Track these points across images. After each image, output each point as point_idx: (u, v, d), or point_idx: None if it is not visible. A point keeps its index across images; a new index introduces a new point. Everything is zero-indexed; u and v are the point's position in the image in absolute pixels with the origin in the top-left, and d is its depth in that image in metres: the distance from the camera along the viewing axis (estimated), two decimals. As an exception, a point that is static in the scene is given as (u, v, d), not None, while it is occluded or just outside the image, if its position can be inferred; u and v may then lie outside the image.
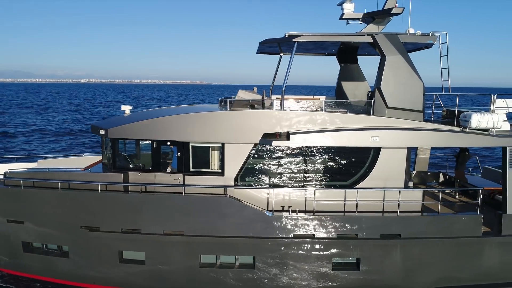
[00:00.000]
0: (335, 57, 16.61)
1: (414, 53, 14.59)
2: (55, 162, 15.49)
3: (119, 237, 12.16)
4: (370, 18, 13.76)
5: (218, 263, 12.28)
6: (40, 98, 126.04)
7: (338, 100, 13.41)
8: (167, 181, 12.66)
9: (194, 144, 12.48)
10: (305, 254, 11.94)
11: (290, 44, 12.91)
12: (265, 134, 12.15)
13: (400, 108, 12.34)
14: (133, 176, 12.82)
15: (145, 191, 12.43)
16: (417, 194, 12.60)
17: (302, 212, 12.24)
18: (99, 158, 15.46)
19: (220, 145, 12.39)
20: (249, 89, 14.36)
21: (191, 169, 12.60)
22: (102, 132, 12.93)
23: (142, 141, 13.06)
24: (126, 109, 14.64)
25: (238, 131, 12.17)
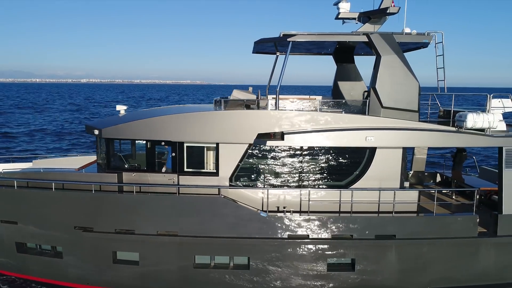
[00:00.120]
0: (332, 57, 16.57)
1: (410, 53, 14.53)
2: (50, 162, 15.44)
3: (113, 238, 12.10)
4: (366, 17, 13.70)
5: (212, 263, 12.20)
6: (40, 99, 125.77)
7: (333, 100, 13.36)
8: (161, 181, 12.60)
9: (189, 144, 12.41)
10: (300, 255, 11.87)
11: (286, 43, 12.86)
12: (259, 134, 12.08)
13: (396, 108, 12.26)
14: (127, 176, 12.75)
15: (139, 191, 12.38)
16: (412, 195, 12.53)
17: (297, 212, 12.18)
18: (95, 158, 15.40)
19: (214, 145, 12.33)
20: (248, 89, 14.32)
21: (186, 169, 12.54)
22: (96, 132, 12.86)
23: (137, 141, 13.00)
24: (121, 109, 14.57)
25: (232, 131, 12.10)
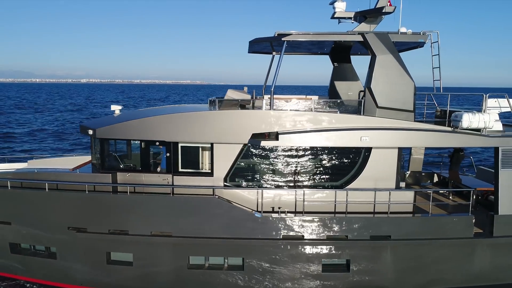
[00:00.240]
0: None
1: (406, 53, 14.46)
2: (45, 162, 15.37)
3: (106, 238, 12.03)
4: (362, 17, 13.62)
5: (206, 264, 12.14)
6: (41, 99, 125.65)
7: (328, 100, 13.29)
8: (156, 181, 12.53)
9: (183, 144, 12.35)
10: (294, 255, 11.80)
11: (281, 43, 12.79)
12: (254, 134, 12.01)
13: (391, 108, 12.19)
14: (121, 176, 12.68)
15: (133, 191, 12.31)
16: (408, 195, 12.46)
17: (292, 213, 12.12)
18: (90, 158, 15.33)
19: (209, 145, 12.26)
20: (243, 89, 14.25)
21: (180, 170, 12.47)
22: (90, 132, 12.79)
23: (132, 141, 12.92)
24: (116, 109, 14.49)
25: (227, 131, 12.03)
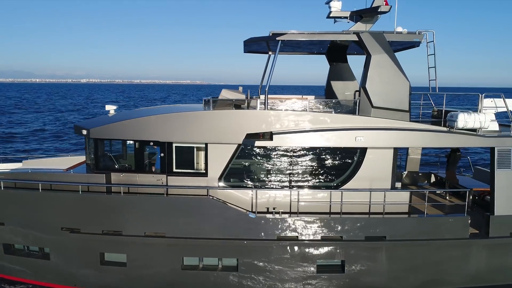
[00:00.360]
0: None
1: (401, 52, 14.39)
2: (40, 162, 15.28)
3: (100, 239, 11.96)
4: (358, 16, 13.54)
5: (200, 265, 12.07)
6: (41, 99, 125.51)
7: (323, 100, 13.22)
8: (150, 182, 12.46)
9: (177, 145, 12.27)
10: (289, 256, 11.72)
11: (277, 43, 12.71)
12: (248, 134, 11.94)
13: (386, 107, 12.12)
14: (116, 177, 12.61)
15: (127, 192, 12.24)
16: (403, 195, 12.39)
17: (287, 213, 12.04)
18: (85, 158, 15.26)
19: (203, 145, 12.19)
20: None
21: (175, 170, 12.40)
22: (84, 132, 12.72)
23: (128, 142, 12.85)
24: (111, 108, 14.42)
25: (221, 131, 11.96)
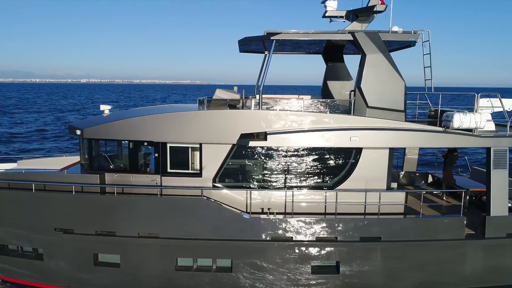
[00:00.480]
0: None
1: (396, 52, 14.31)
2: (35, 162, 15.21)
3: (93, 240, 11.90)
4: (354, 15, 13.48)
5: (195, 266, 12.00)
6: (41, 99, 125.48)
7: (318, 100, 13.15)
8: (144, 182, 12.39)
9: (172, 145, 12.21)
10: (283, 257, 11.65)
11: (271, 42, 12.65)
12: (242, 135, 11.86)
13: (381, 107, 12.04)
14: (110, 177, 12.53)
15: (122, 192, 12.17)
16: (399, 196, 12.32)
17: (281, 214, 11.97)
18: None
19: (197, 145, 12.12)
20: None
21: (169, 170, 12.33)
22: (78, 132, 12.66)
23: (123, 142, 12.78)
24: (105, 108, 14.35)
25: (215, 131, 11.88)
